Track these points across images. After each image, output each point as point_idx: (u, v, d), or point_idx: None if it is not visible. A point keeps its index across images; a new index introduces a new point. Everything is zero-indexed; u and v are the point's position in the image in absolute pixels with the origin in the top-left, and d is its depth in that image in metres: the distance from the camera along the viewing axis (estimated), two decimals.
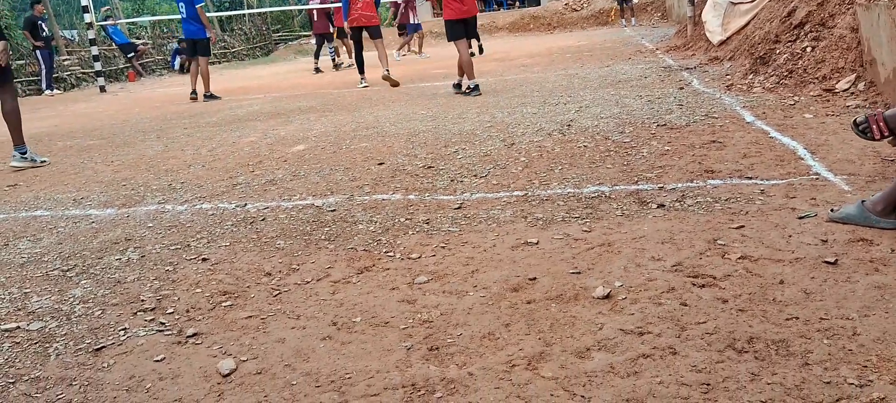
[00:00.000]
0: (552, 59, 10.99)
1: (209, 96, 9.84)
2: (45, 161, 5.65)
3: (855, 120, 2.65)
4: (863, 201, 2.56)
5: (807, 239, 2.47)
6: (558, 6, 22.08)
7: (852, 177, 3.15)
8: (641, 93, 6.26)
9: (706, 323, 1.92)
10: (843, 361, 1.68)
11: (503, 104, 6.46)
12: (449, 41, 7.62)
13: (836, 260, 2.26)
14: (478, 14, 7.66)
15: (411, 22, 15.96)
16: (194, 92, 9.88)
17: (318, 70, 13.22)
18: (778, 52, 5.95)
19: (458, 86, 7.75)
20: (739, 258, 2.36)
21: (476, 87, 7.37)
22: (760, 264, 2.30)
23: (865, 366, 1.65)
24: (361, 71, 9.61)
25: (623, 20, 18.88)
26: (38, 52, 14.13)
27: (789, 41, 5.87)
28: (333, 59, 14.18)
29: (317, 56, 13.64)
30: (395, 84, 8.96)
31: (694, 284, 2.19)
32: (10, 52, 5.61)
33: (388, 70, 8.99)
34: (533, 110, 5.88)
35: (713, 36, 8.62)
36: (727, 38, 8.18)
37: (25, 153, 5.54)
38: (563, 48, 13.08)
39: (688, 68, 7.71)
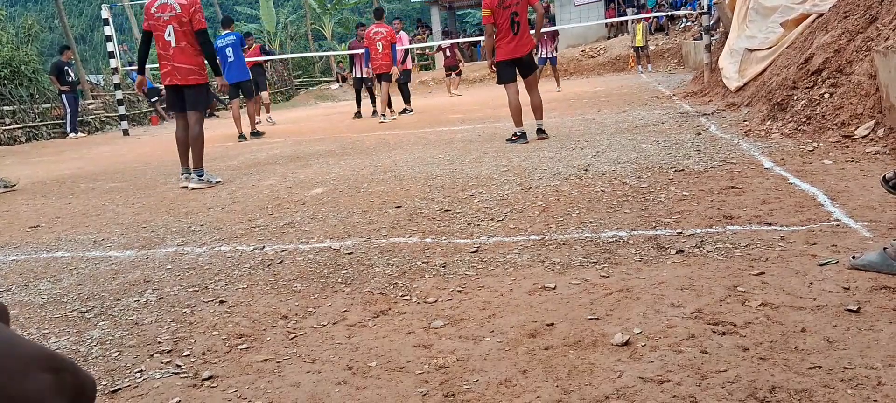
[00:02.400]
0: (569, 104, 11.05)
1: (242, 137, 10.52)
2: (219, 181, 6.16)
3: (884, 176, 2.62)
4: (885, 248, 2.52)
5: (828, 287, 2.43)
6: (575, 53, 22.30)
7: (874, 223, 3.11)
8: (658, 138, 6.26)
9: (727, 372, 1.89)
10: None
11: (520, 148, 6.48)
12: (498, 84, 7.12)
13: (859, 308, 2.22)
14: (532, 52, 7.01)
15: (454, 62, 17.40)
16: (254, 131, 10.73)
17: (358, 115, 12.95)
18: (796, 98, 5.94)
19: (515, 137, 6.97)
20: (760, 305, 2.32)
21: (522, 135, 6.87)
22: (781, 311, 2.26)
23: None
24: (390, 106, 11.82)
25: (639, 67, 19.00)
26: (63, 96, 14.45)
27: (807, 87, 5.87)
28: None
29: (358, 102, 13.30)
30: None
31: (714, 331, 2.16)
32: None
33: (383, 115, 11.61)
34: (550, 154, 5.89)
35: (730, 82, 8.64)
36: (744, 85, 8.19)
37: (202, 175, 6.03)
38: (579, 94, 13.15)
39: (705, 114, 7.71)
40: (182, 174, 6.16)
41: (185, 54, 5.85)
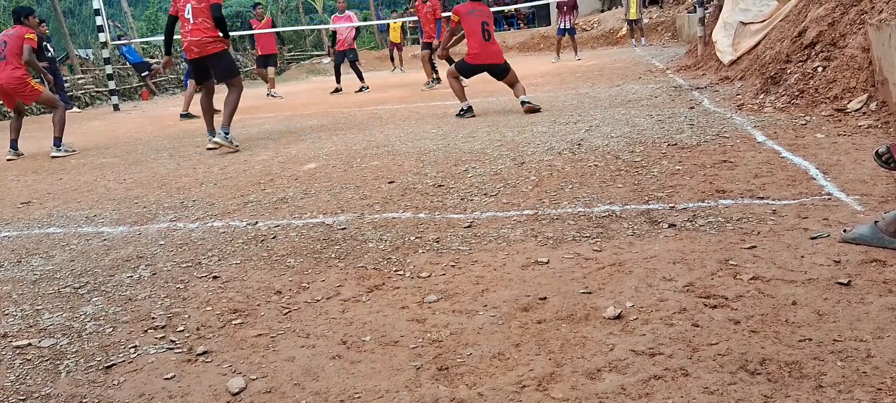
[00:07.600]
0: (562, 78, 11.02)
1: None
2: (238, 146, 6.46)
3: (877, 151, 2.61)
4: (876, 221, 2.54)
5: (819, 260, 2.45)
6: None
7: (865, 197, 3.13)
8: (652, 112, 6.25)
9: (718, 345, 1.91)
10: (857, 384, 1.66)
11: (513, 123, 6.47)
12: (457, 71, 7.47)
13: (849, 281, 2.24)
14: (503, 63, 7.36)
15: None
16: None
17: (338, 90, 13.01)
18: (789, 71, 5.94)
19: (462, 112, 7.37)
20: (751, 278, 2.34)
21: (469, 109, 7.27)
22: (773, 285, 2.28)
23: (880, 389, 1.63)
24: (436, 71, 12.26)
25: (633, 40, 18.93)
26: None
27: (800, 61, 5.87)
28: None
29: (338, 78, 13.28)
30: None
31: (706, 305, 2.17)
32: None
33: (429, 81, 12.02)
34: (543, 129, 5.88)
35: (724, 56, 8.62)
36: (738, 58, 8.17)
37: (228, 134, 6.37)
38: (572, 68, 13.11)
39: (698, 88, 7.70)
40: (210, 136, 6.50)
41: (201, 29, 6.32)
